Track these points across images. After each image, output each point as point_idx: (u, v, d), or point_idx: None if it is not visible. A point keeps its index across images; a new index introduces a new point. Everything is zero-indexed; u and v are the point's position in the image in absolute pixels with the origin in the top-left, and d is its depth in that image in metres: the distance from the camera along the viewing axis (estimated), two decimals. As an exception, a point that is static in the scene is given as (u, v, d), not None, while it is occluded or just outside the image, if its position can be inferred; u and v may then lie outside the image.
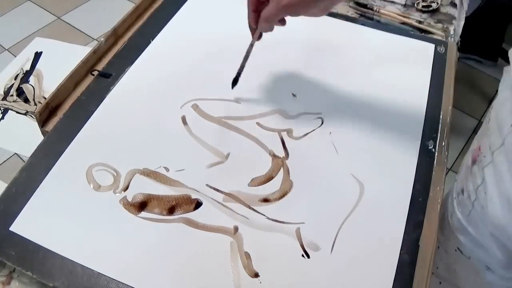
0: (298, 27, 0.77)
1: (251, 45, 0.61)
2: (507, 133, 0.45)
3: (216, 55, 0.72)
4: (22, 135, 1.43)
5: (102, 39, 0.71)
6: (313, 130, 0.62)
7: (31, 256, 0.49)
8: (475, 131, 1.57)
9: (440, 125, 0.63)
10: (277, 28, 0.77)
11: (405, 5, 0.82)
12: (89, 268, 0.48)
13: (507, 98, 0.48)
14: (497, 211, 0.48)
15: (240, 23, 0.78)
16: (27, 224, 0.51)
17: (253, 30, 0.59)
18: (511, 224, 0.46)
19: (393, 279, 0.48)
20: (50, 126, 0.61)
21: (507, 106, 0.47)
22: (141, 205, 0.53)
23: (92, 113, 0.62)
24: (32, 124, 1.43)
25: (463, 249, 0.57)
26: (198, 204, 0.54)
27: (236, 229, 0.52)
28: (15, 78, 1.60)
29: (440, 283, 0.64)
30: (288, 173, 0.57)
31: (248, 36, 0.75)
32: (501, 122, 0.47)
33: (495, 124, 0.49)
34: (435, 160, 0.59)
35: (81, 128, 0.60)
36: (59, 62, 1.61)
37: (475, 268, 0.58)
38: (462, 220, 0.55)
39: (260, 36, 0.60)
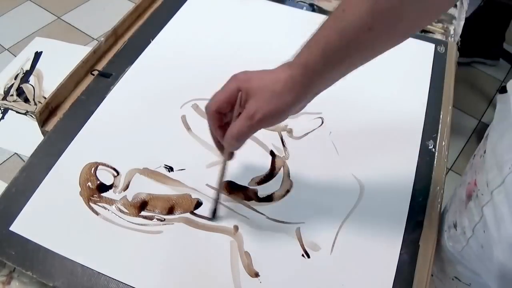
0: (298, 27, 0.77)
1: (224, 165, 0.50)
2: (508, 172, 0.41)
3: (216, 54, 0.72)
4: (22, 135, 1.42)
5: (102, 39, 0.71)
6: (313, 130, 0.62)
7: (31, 256, 0.49)
8: (475, 131, 1.57)
9: (440, 125, 0.63)
10: (277, 28, 0.77)
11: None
12: (89, 268, 0.48)
13: (504, 131, 0.44)
14: (499, 254, 0.43)
15: (240, 23, 0.78)
16: (27, 224, 0.51)
17: (220, 147, 0.49)
18: None
19: (393, 279, 0.48)
20: (50, 126, 0.61)
21: (505, 141, 0.43)
22: (141, 205, 0.53)
23: (92, 113, 0.62)
24: (32, 124, 1.43)
25: (461, 277, 0.54)
26: (198, 204, 0.54)
27: (236, 228, 0.52)
28: (15, 78, 1.59)
29: None
30: (288, 173, 0.57)
31: (248, 37, 0.75)
32: (500, 158, 0.43)
33: (493, 160, 0.44)
34: (435, 160, 0.59)
35: (81, 128, 0.60)
36: (59, 62, 1.61)
37: None
38: (455, 254, 0.52)
39: (232, 155, 0.49)
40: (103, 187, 0.55)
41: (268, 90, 0.43)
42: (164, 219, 0.52)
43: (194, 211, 0.53)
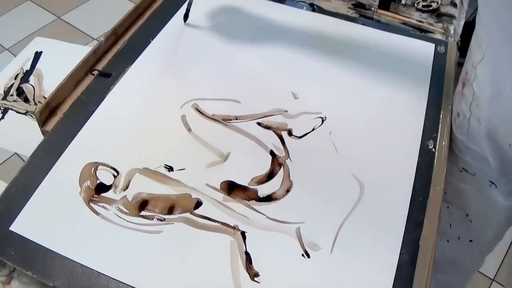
0: (299, 27, 0.77)
1: None
2: (486, 47, 0.53)
3: (216, 54, 0.72)
4: (22, 135, 1.42)
5: (102, 38, 0.71)
6: (313, 129, 0.62)
7: (31, 255, 0.49)
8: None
9: (440, 125, 0.63)
10: (277, 27, 0.77)
11: (405, 5, 0.82)
12: (89, 268, 0.48)
13: (483, 21, 0.54)
14: (484, 113, 0.55)
15: (240, 22, 0.78)
16: (27, 224, 0.51)
17: None
18: (495, 117, 0.54)
19: (393, 279, 0.48)
20: (50, 126, 0.61)
21: (484, 26, 0.54)
22: (141, 205, 0.53)
23: (92, 113, 0.62)
24: (32, 124, 1.43)
25: (468, 168, 0.63)
26: (198, 204, 0.54)
27: (236, 228, 0.52)
28: (15, 78, 1.59)
29: (448, 207, 0.69)
30: (288, 173, 0.57)
31: (248, 37, 0.76)
32: (480, 41, 0.54)
33: (475, 44, 0.56)
34: (435, 160, 0.59)
35: (81, 128, 0.60)
36: (59, 61, 1.61)
37: (480, 185, 0.63)
38: (463, 140, 0.61)
39: None
40: (103, 187, 0.55)
41: None
42: (164, 219, 0.52)
43: (194, 211, 0.53)
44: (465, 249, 0.74)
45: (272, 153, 0.59)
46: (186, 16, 0.75)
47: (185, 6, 0.77)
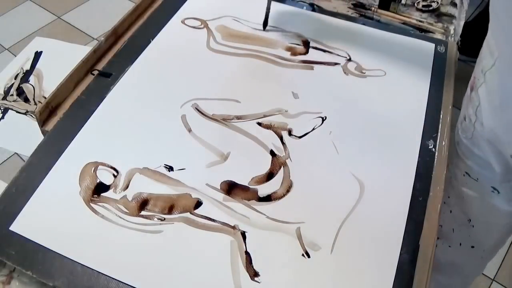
0: (298, 27, 0.77)
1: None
2: (497, 56, 0.52)
3: (217, 54, 0.72)
4: (22, 134, 1.42)
5: (102, 38, 0.71)
6: (313, 129, 0.62)
7: (31, 255, 0.49)
8: (475, 131, 1.57)
9: (440, 125, 0.63)
10: (277, 27, 0.77)
11: (405, 5, 0.82)
12: (89, 268, 0.48)
13: (494, 31, 0.54)
14: (488, 120, 0.55)
15: (240, 22, 0.78)
16: (27, 224, 0.51)
17: None
18: (499, 126, 0.55)
19: (393, 279, 0.48)
20: (50, 126, 0.61)
21: (495, 37, 0.54)
22: (141, 205, 0.53)
23: (92, 113, 0.62)
24: (32, 124, 1.43)
25: (471, 172, 0.63)
26: (198, 204, 0.54)
27: (236, 228, 0.52)
28: (15, 78, 1.59)
29: (450, 211, 0.70)
30: (288, 173, 0.57)
31: (245, 37, 0.75)
32: (492, 48, 0.54)
33: (487, 50, 0.55)
34: (435, 159, 0.59)
35: (81, 128, 0.60)
36: (59, 61, 1.61)
37: (482, 191, 0.63)
38: (467, 144, 0.62)
39: None
40: (103, 187, 0.55)
41: None
42: (164, 219, 0.52)
43: (194, 211, 0.53)
44: (466, 255, 0.74)
45: (272, 153, 0.59)
46: (265, 23, 0.75)
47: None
